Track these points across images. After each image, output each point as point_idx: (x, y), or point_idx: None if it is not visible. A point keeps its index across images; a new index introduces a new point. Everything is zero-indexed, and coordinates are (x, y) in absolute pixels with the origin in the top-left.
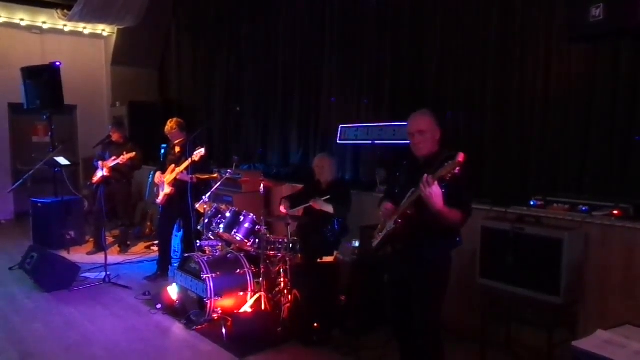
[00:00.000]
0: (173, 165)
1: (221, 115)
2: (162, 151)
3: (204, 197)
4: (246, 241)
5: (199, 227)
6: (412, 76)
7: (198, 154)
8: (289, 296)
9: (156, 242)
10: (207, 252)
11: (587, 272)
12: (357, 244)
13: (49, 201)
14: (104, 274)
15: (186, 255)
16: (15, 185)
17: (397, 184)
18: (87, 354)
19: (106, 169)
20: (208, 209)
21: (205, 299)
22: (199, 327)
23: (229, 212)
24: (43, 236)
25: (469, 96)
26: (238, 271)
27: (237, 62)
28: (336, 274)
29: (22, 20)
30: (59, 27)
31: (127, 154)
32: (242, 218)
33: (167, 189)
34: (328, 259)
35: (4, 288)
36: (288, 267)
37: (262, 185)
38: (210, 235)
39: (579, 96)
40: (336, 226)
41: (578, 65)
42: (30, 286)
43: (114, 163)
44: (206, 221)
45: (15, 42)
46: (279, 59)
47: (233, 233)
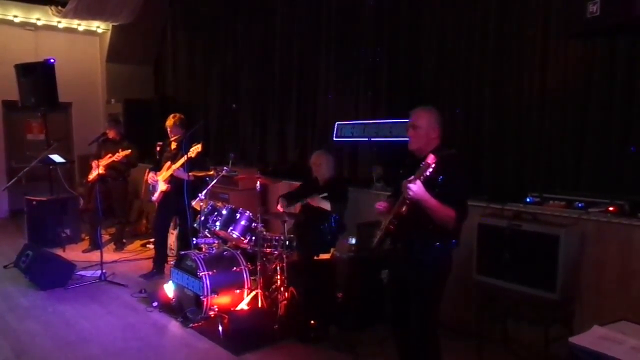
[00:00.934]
0: (169, 163)
1: (217, 112)
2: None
3: (200, 195)
4: (242, 238)
5: (195, 225)
6: (409, 73)
7: (194, 150)
8: (286, 293)
9: (152, 240)
10: (203, 249)
11: (583, 269)
12: (353, 241)
13: (44, 199)
14: (99, 271)
15: (182, 252)
16: (10, 183)
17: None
18: (83, 352)
19: (102, 166)
20: (204, 206)
21: (202, 297)
22: (196, 324)
23: (225, 209)
24: (38, 234)
25: (466, 93)
26: (234, 269)
27: (234, 58)
28: (333, 271)
29: (15, 16)
30: (53, 24)
31: (122, 151)
32: (238, 215)
33: (162, 186)
34: (325, 256)
35: None
36: (285, 265)
37: (258, 183)
38: (206, 232)
39: (575, 93)
40: (333, 223)
41: (575, 61)
42: (26, 284)
43: (109, 160)
44: (202, 219)
45: (9, 39)
46: (275, 55)
47: (229, 230)
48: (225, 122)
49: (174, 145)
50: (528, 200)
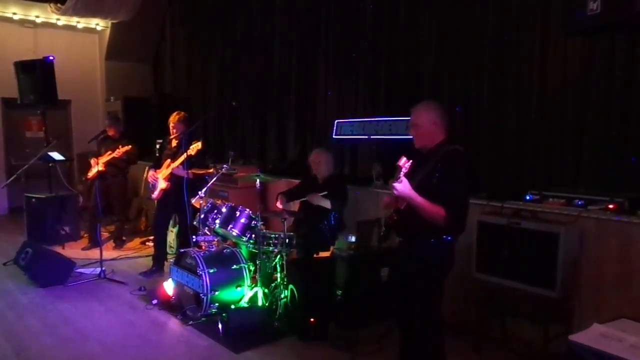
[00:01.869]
0: (169, 160)
1: (217, 110)
2: (157, 146)
3: (199, 193)
4: (242, 236)
5: (194, 223)
6: (408, 71)
7: (194, 148)
8: (285, 291)
9: (151, 238)
10: (203, 247)
11: (582, 266)
12: (353, 238)
13: (44, 196)
14: (99, 269)
15: (182, 250)
16: (9, 180)
17: None
18: (82, 350)
19: (101, 163)
20: (204, 204)
21: (202, 295)
22: (195, 322)
23: (225, 207)
24: (37, 232)
25: (465, 90)
26: (234, 266)
27: (233, 56)
28: (332, 268)
29: (14, 14)
30: (52, 21)
31: (122, 147)
32: (238, 213)
33: (162, 184)
34: (324, 254)
35: None
36: (284, 262)
37: (258, 181)
38: (206, 230)
39: (575, 90)
40: (332, 221)
41: (574, 59)
42: (25, 282)
43: (110, 157)
44: (202, 216)
45: (8, 36)
46: (275, 53)
47: (229, 228)
48: (224, 119)
49: (174, 143)
50: (527, 197)
